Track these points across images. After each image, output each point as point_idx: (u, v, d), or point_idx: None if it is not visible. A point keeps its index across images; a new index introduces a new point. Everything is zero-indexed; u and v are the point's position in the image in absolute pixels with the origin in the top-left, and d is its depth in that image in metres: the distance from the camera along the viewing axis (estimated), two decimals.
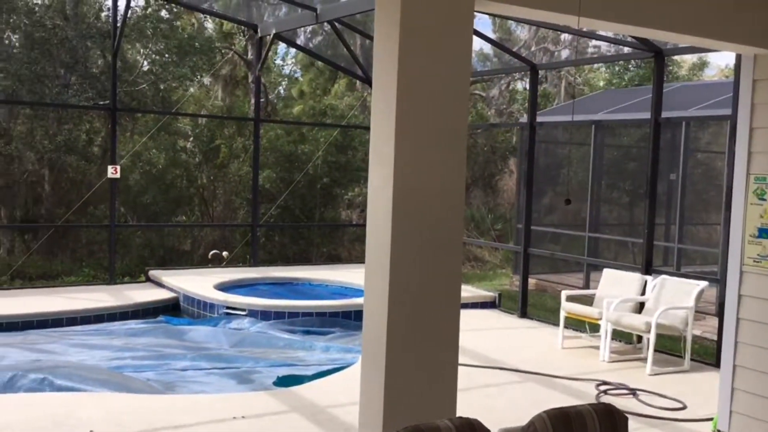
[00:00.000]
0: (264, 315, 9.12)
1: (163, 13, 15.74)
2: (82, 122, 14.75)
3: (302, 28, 15.99)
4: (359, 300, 9.59)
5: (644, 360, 7.47)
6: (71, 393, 6.02)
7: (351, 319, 9.27)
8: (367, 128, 15.34)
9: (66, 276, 13.16)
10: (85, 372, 6.59)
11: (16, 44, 14.72)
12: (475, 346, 7.83)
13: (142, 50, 16.10)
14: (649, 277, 8.06)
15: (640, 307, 7.93)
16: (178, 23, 16.16)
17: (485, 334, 8.71)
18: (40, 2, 14.60)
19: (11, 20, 14.34)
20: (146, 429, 5.15)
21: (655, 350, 7.33)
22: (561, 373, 7.05)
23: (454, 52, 3.83)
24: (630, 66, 20.00)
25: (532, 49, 19.92)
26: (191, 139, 16.37)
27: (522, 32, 21.98)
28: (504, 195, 20.01)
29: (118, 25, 10.77)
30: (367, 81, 13.13)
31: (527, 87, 23.33)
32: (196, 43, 15.93)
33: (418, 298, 3.87)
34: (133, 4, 12.77)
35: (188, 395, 6.40)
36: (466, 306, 9.80)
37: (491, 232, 17.68)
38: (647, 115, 8.79)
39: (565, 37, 19.85)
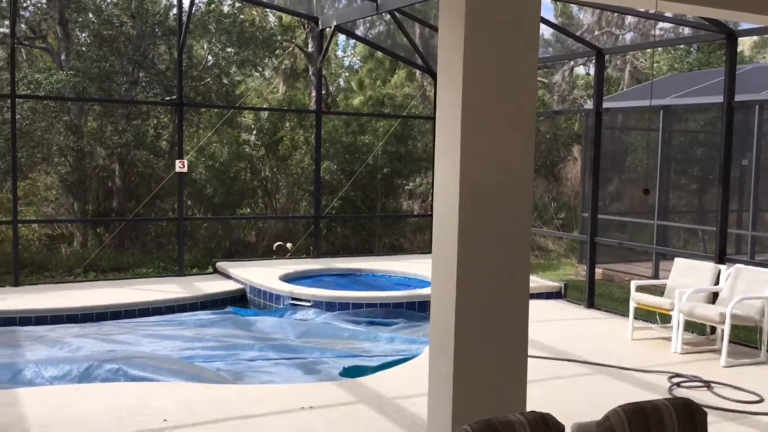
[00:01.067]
0: (329, 306, 9.20)
1: (226, 8, 15.98)
2: (150, 118, 15.11)
3: (361, 19, 16.03)
4: (423, 291, 9.63)
5: (718, 352, 7.25)
6: (145, 383, 6.19)
7: (415, 310, 9.27)
8: (427, 118, 15.40)
9: (137, 268, 13.53)
10: (158, 362, 6.76)
11: (86, 42, 15.18)
12: (541, 337, 7.73)
13: (205, 45, 16.39)
14: (722, 267, 7.81)
15: (713, 298, 7.69)
16: (241, 17, 16.37)
17: (552, 325, 8.59)
18: (108, 1, 14.99)
19: (80, 19, 14.78)
20: (218, 418, 5.26)
21: (730, 341, 7.11)
22: (631, 365, 6.91)
23: (521, 41, 3.77)
24: (691, 49, 19.38)
25: (595, 33, 19.50)
26: (254, 132, 16.61)
27: (585, 16, 21.52)
28: (567, 183, 19.67)
29: (184, 20, 10.95)
30: (428, 71, 13.06)
31: (590, 72, 22.88)
32: (258, 37, 16.11)
33: (485, 290, 3.84)
34: (197, 0, 13.02)
35: (257, 385, 6.51)
36: (532, 296, 9.61)
37: (555, 221, 17.42)
38: (716, 99, 8.48)
39: (630, 20, 19.36)
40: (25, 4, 14.32)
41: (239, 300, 10.24)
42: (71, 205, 15.01)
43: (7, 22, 14.13)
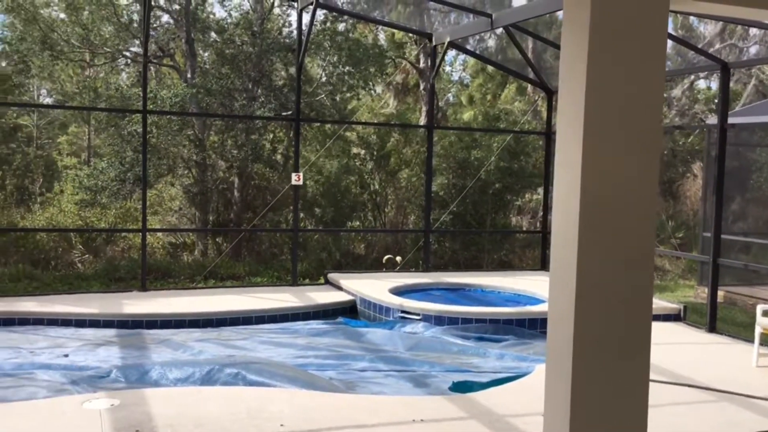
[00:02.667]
0: (438, 320, 9.21)
1: (340, 26, 16.40)
2: (267, 132, 15.67)
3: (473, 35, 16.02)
4: (533, 308, 9.50)
5: None
6: (263, 388, 6.41)
7: (525, 327, 9.14)
8: (540, 133, 15.17)
9: (252, 277, 14.02)
10: (275, 368, 6.98)
11: (209, 60, 15.95)
12: (660, 360, 7.45)
13: (319, 62, 16.86)
14: None
15: None
16: (353, 35, 16.75)
17: (671, 349, 8.26)
18: (229, 21, 15.70)
19: (203, 39, 15.57)
20: (332, 426, 5.37)
21: None
22: (758, 393, 6.54)
23: (647, 54, 3.68)
24: None
25: (716, 46, 18.69)
26: (363, 147, 16.92)
27: (706, 28, 20.68)
28: (686, 201, 18.88)
29: (303, 38, 11.30)
30: (540, 85, 12.91)
31: (711, 86, 21.92)
32: (371, 54, 16.43)
33: (606, 310, 3.75)
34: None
35: (369, 395, 6.60)
36: None
37: (672, 241, 16.75)
38: None
39: (754, 32, 18.45)
40: (154, 25, 15.19)
41: (350, 311, 10.42)
42: (193, 215, 15.77)
43: (137, 42, 15.07)
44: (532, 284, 11.09)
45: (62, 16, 15.52)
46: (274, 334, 8.90)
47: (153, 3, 14.16)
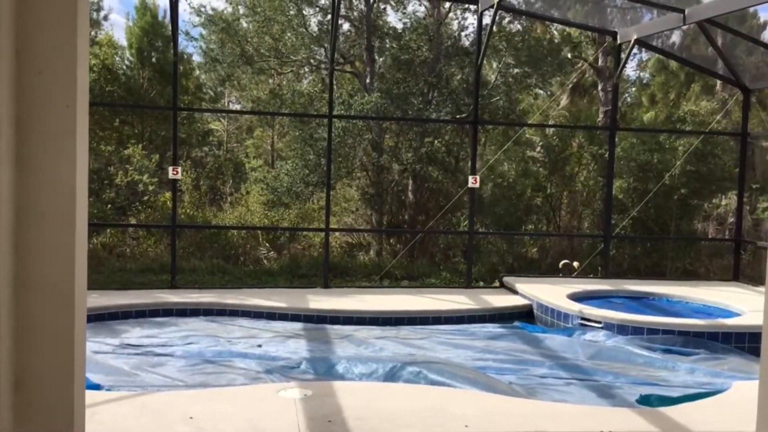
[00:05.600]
0: (620, 329, 8.87)
1: (516, 26, 16.23)
2: (441, 135, 15.83)
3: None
4: (728, 321, 8.90)
5: None
6: (444, 387, 6.48)
7: (718, 341, 8.57)
8: (735, 134, 14.16)
9: (426, 278, 14.22)
10: (455, 369, 7.05)
11: (387, 66, 16.37)
12: None
13: (494, 64, 16.79)
14: None
15: None
16: (528, 36, 16.52)
17: None
18: (404, 27, 16.03)
19: (379, 45, 16.01)
20: (516, 431, 5.33)
21: None
22: None
23: None
24: None
25: None
26: (539, 149, 16.63)
27: None
28: None
29: (483, 41, 11.32)
30: (735, 83, 12.06)
31: None
32: (547, 54, 16.12)
33: None
34: (488, 20, 13.39)
35: (552, 403, 6.48)
36: None
37: None
38: None
39: None
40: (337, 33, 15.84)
41: (525, 315, 10.30)
42: (368, 217, 16.25)
43: (320, 50, 15.78)
44: (725, 295, 10.40)
45: (253, 27, 16.57)
46: (451, 336, 8.98)
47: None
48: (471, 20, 16.15)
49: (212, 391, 6.28)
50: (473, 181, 11.19)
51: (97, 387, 6.29)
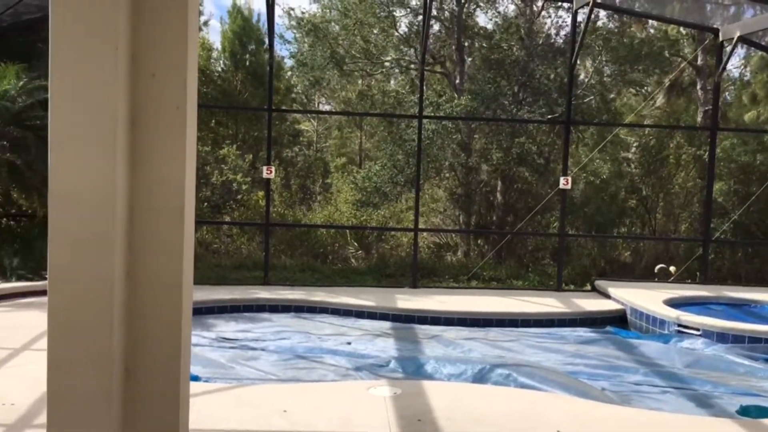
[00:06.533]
0: (720, 337, 8.52)
1: (611, 24, 15.83)
2: (532, 136, 15.61)
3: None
4: None
5: None
6: (535, 391, 6.39)
7: None
8: None
9: (514, 280, 14.06)
10: (545, 373, 6.94)
11: (477, 66, 16.28)
12: None
13: (588, 63, 16.42)
14: None
15: None
16: (624, 34, 16.08)
17: None
18: (495, 26, 15.90)
19: (468, 45, 15.93)
20: None
21: None
22: None
23: None
24: None
25: None
26: (634, 150, 16.16)
27: None
28: None
29: (578, 40, 11.11)
30: None
31: None
32: (644, 53, 15.65)
33: None
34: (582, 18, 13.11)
35: (648, 411, 6.29)
36: None
37: None
38: None
39: None
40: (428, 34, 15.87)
41: (618, 320, 10.04)
42: (456, 217, 16.20)
43: (410, 51, 15.84)
44: None
45: (343, 30, 16.80)
46: (541, 339, 8.85)
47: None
48: (565, 18, 15.86)
49: (304, 385, 6.41)
50: (564, 183, 11.00)
51: (196, 378, 6.53)
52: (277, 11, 17.30)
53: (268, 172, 11.08)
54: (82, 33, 2.89)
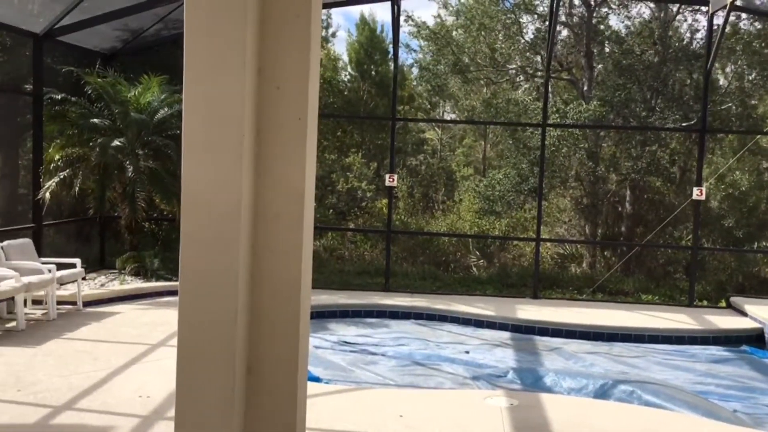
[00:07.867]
0: None
1: (752, 27, 14.94)
2: (665, 144, 14.98)
3: None
4: None
5: None
6: (660, 410, 6.14)
7: None
8: None
9: (642, 294, 13.51)
10: (672, 392, 6.65)
11: (606, 72, 15.80)
12: None
13: (727, 68, 15.58)
14: None
15: None
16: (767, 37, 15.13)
17: None
18: (627, 31, 15.37)
19: (598, 50, 15.48)
20: None
21: None
22: None
23: None
24: None
25: None
26: None
27: None
28: None
29: (713, 44, 10.58)
30: None
31: None
32: None
33: None
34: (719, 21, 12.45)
35: None
36: None
37: None
38: None
39: None
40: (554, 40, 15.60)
41: (755, 340, 9.44)
42: (582, 228, 15.78)
43: (536, 58, 15.61)
44: None
45: (469, 38, 16.78)
46: (669, 356, 8.48)
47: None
48: (702, 21, 15.13)
49: (421, 392, 6.48)
50: (698, 193, 10.48)
51: (317, 379, 6.75)
52: (402, 19, 17.58)
53: (391, 180, 11.26)
54: (212, 49, 3.09)
